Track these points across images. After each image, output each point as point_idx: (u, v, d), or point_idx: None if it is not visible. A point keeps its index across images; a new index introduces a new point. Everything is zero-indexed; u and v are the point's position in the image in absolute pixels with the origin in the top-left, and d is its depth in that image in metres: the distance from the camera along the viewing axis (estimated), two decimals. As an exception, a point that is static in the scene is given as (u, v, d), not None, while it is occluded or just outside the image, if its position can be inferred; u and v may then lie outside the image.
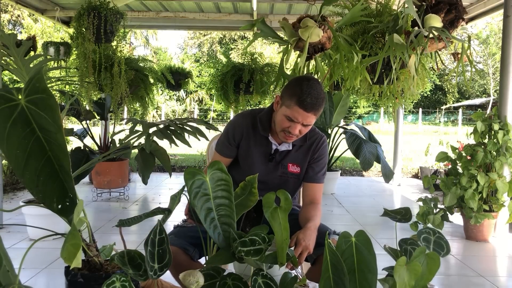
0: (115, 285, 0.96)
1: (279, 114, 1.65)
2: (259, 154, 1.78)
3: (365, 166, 4.90)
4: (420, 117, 24.88)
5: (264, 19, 2.20)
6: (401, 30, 2.18)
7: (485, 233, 3.54)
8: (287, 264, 1.34)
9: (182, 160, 7.83)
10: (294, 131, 1.61)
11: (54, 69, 4.15)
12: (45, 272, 2.70)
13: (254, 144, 1.78)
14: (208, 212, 1.15)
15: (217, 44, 29.39)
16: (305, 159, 1.79)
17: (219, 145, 1.83)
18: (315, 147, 1.79)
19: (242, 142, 1.79)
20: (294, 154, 1.78)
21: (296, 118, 1.59)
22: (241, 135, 1.78)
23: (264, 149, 1.78)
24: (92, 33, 4.15)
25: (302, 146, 1.79)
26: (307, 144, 1.79)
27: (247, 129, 1.78)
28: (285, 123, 1.62)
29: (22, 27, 18.19)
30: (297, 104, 1.57)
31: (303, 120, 1.59)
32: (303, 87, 1.58)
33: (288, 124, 1.62)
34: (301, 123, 1.60)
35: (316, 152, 1.79)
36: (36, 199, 0.95)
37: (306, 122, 1.60)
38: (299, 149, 1.79)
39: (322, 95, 1.61)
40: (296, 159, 1.78)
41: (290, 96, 1.60)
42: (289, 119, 1.60)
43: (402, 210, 1.29)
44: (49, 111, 0.91)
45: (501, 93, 3.61)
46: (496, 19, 22.02)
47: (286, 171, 1.78)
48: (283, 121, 1.63)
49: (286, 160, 1.78)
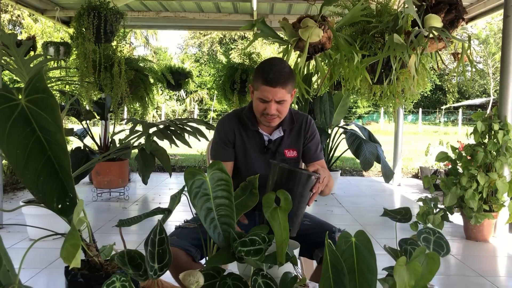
0: (115, 285, 0.96)
1: (254, 100, 1.71)
2: (254, 149, 1.80)
3: (365, 166, 4.90)
4: (420, 117, 24.89)
5: (264, 19, 2.20)
6: (401, 30, 2.18)
7: (485, 233, 3.54)
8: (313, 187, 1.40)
9: (182, 160, 7.83)
10: (270, 110, 1.65)
11: (54, 69, 4.15)
12: (45, 272, 2.70)
13: (248, 141, 1.80)
14: (208, 212, 1.15)
15: (217, 44, 29.40)
16: (299, 141, 1.83)
17: (215, 152, 1.83)
18: (305, 127, 1.84)
19: (236, 142, 1.80)
20: (287, 139, 1.81)
21: (266, 97, 1.64)
22: (233, 136, 1.80)
23: (258, 142, 1.80)
24: (92, 33, 4.15)
25: (292, 129, 1.82)
26: (296, 126, 1.83)
27: (237, 128, 1.81)
28: (260, 106, 1.67)
29: (22, 27, 18.19)
30: (263, 83, 1.63)
31: (274, 97, 1.63)
32: (265, 67, 1.65)
33: (263, 106, 1.66)
34: (273, 100, 1.64)
35: (307, 131, 1.84)
36: (36, 199, 0.95)
37: (277, 98, 1.64)
38: (291, 132, 1.82)
39: (286, 69, 1.65)
40: (291, 143, 1.82)
41: (256, 79, 1.67)
42: (262, 100, 1.66)
43: (402, 210, 1.29)
44: (49, 111, 0.91)
45: (501, 93, 3.61)
46: (496, 19, 22.01)
47: (284, 158, 1.81)
48: (258, 105, 1.68)
49: (282, 147, 1.81)
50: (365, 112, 28.85)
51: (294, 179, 1.36)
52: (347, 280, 0.96)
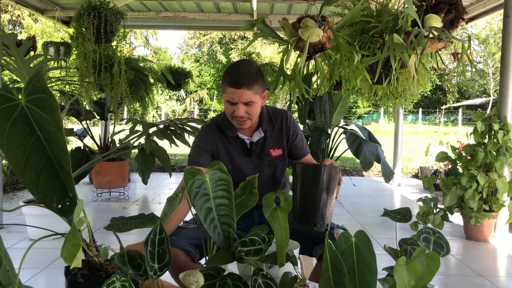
0: (115, 285, 0.96)
1: (224, 102, 1.69)
2: (238, 154, 1.79)
3: (365, 166, 4.90)
4: (420, 117, 24.88)
5: (264, 19, 2.20)
6: (401, 30, 2.18)
7: (485, 233, 3.54)
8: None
9: (182, 160, 7.82)
10: (239, 113, 1.63)
11: (54, 69, 4.15)
12: (45, 272, 2.70)
13: (231, 147, 1.79)
14: (208, 212, 1.15)
15: (217, 44, 29.39)
16: (282, 138, 1.82)
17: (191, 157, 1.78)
18: (286, 124, 1.82)
19: (220, 151, 1.77)
20: (270, 139, 1.81)
21: (232, 98, 1.62)
22: (215, 145, 1.77)
23: (240, 147, 1.79)
24: (92, 33, 4.15)
25: (273, 128, 1.81)
26: (277, 124, 1.82)
27: (218, 136, 1.78)
28: (229, 109, 1.66)
29: (22, 27, 18.19)
30: (228, 85, 1.62)
31: (240, 99, 1.61)
32: (231, 69, 1.64)
33: (231, 108, 1.65)
34: (240, 102, 1.62)
35: (289, 128, 1.83)
36: (36, 199, 0.95)
37: (244, 100, 1.62)
38: (272, 131, 1.81)
39: (252, 70, 1.64)
40: (274, 142, 1.81)
41: (223, 82, 1.66)
42: (230, 103, 1.64)
43: (402, 210, 1.29)
44: (49, 111, 0.91)
45: (501, 93, 3.61)
46: (496, 19, 22.01)
47: (271, 158, 1.80)
48: (227, 108, 1.67)
49: (266, 148, 1.80)
50: (365, 112, 28.84)
51: (319, 174, 1.34)
52: (347, 280, 0.96)
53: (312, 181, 1.34)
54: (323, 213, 1.36)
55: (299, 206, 1.36)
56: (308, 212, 1.34)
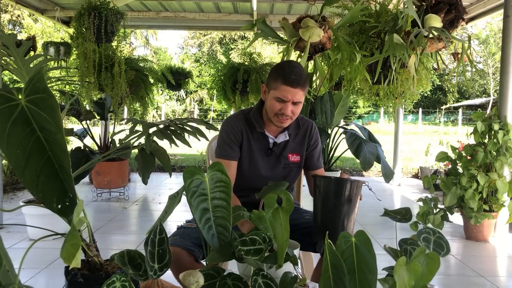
0: (115, 285, 0.96)
1: (269, 99, 1.70)
2: (259, 151, 1.80)
3: (365, 166, 4.90)
4: (420, 117, 24.88)
5: (265, 19, 2.20)
6: (401, 30, 2.18)
7: (485, 233, 3.54)
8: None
9: (182, 160, 7.83)
10: (286, 111, 1.66)
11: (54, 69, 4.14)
12: (45, 272, 2.70)
13: (254, 142, 1.80)
14: (204, 212, 1.14)
15: (217, 44, 29.38)
16: (302, 146, 1.84)
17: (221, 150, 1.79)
18: (310, 132, 1.85)
19: (243, 143, 1.79)
20: (291, 144, 1.83)
21: (285, 96, 1.64)
22: (241, 135, 1.79)
23: (263, 144, 1.81)
24: (92, 33, 4.15)
25: (297, 134, 1.84)
26: (301, 131, 1.85)
27: (245, 128, 1.80)
28: (276, 106, 1.67)
29: (22, 27, 18.19)
30: (283, 83, 1.63)
31: (292, 98, 1.64)
32: (285, 68, 1.66)
33: (279, 106, 1.67)
34: (291, 101, 1.65)
35: (312, 137, 1.85)
36: (36, 199, 0.95)
37: (295, 100, 1.65)
38: (296, 137, 1.84)
39: (305, 73, 1.68)
40: (295, 148, 1.83)
41: (275, 79, 1.67)
42: (279, 100, 1.66)
43: (402, 210, 1.29)
44: (49, 111, 0.91)
45: (501, 93, 3.61)
46: (496, 19, 22.01)
47: (288, 162, 1.82)
48: (274, 105, 1.68)
49: (286, 151, 1.82)
50: (365, 112, 28.84)
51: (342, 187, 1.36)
52: (347, 280, 0.96)
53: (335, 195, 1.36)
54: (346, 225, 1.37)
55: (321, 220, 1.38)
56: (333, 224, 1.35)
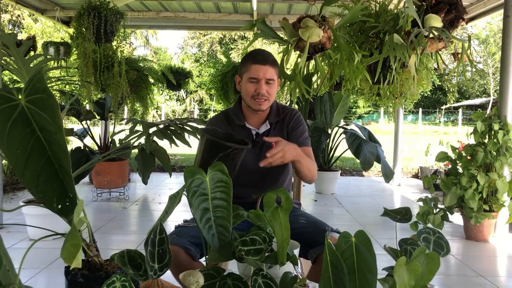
0: (115, 285, 0.96)
1: (243, 84, 1.78)
2: None
3: (365, 166, 4.90)
4: (420, 117, 24.88)
5: (265, 19, 2.20)
6: (401, 30, 2.18)
7: (485, 233, 3.54)
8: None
9: (182, 160, 7.83)
10: (261, 90, 1.73)
11: (54, 69, 4.15)
12: (45, 272, 2.70)
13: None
14: (205, 212, 1.14)
15: (217, 44, 29.38)
16: (283, 132, 1.88)
17: None
18: (289, 118, 1.89)
19: None
20: (273, 132, 1.86)
21: (257, 74, 1.72)
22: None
23: (245, 137, 1.79)
24: (92, 33, 4.15)
25: (278, 121, 1.88)
26: (282, 118, 1.89)
27: (223, 124, 1.85)
28: (251, 88, 1.75)
29: (22, 27, 18.18)
30: (253, 63, 1.73)
31: (264, 75, 1.72)
32: (252, 52, 1.78)
33: (254, 87, 1.75)
34: (263, 79, 1.72)
35: (290, 122, 1.89)
36: (36, 199, 0.95)
37: (267, 76, 1.73)
38: (277, 125, 1.88)
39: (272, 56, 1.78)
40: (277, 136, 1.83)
41: (244, 63, 1.77)
42: (252, 79, 1.74)
43: (402, 210, 1.29)
44: (49, 111, 0.91)
45: (501, 93, 3.61)
46: (496, 19, 22.01)
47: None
48: (248, 88, 1.76)
49: None
50: (365, 112, 28.84)
51: (215, 149, 1.30)
52: (347, 280, 0.96)
53: (209, 155, 1.29)
54: None
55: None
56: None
